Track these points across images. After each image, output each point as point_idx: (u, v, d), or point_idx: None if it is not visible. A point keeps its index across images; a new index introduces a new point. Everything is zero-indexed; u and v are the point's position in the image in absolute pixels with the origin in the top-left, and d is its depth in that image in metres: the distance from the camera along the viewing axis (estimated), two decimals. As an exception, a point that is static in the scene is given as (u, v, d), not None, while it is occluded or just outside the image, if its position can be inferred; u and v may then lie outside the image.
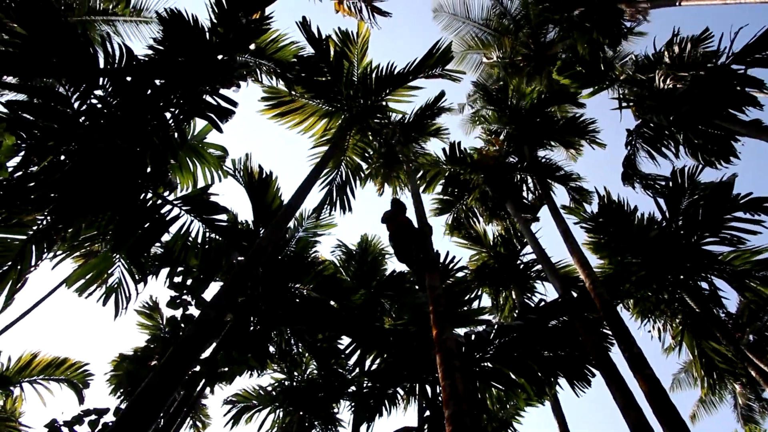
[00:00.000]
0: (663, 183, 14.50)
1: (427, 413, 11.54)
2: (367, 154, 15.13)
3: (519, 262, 17.71)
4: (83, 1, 16.24)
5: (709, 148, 14.08)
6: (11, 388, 13.94)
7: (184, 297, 7.59)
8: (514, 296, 17.77)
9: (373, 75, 13.36)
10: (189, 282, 8.78)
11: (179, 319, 7.46)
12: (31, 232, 8.79)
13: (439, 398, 11.62)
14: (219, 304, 6.27)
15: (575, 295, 12.15)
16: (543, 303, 11.24)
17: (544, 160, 17.05)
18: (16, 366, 13.93)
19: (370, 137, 14.87)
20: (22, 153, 8.51)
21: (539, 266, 17.18)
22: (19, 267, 8.59)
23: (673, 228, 13.91)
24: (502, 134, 17.36)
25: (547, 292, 17.85)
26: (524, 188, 17.23)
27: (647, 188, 15.02)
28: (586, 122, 16.87)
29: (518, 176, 17.03)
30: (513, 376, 11.21)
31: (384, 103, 14.23)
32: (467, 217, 18.21)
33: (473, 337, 11.45)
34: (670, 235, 13.91)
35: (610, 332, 10.53)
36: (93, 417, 5.99)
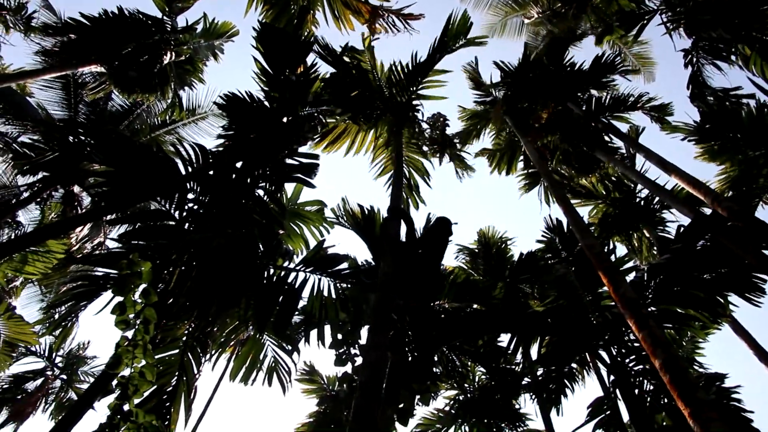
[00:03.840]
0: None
1: (612, 378, 11.20)
2: (425, 148, 14.98)
3: (637, 200, 17.04)
4: (145, 123, 17.03)
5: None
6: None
7: (348, 351, 7.70)
8: (647, 234, 17.10)
9: (400, 71, 13.22)
10: (340, 336, 8.92)
11: (349, 373, 7.56)
12: (182, 344, 9.17)
13: (618, 359, 11.26)
14: (376, 343, 6.30)
15: (707, 213, 11.56)
16: (682, 229, 10.75)
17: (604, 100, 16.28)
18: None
19: (423, 131, 14.75)
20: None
21: (658, 197, 16.48)
22: (185, 378, 8.96)
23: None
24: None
25: (677, 218, 17.05)
26: (603, 133, 16.55)
27: (725, 101, 14.06)
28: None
29: (590, 123, 16.36)
30: (680, 311, 10.73)
31: (420, 94, 14.07)
32: (566, 179, 17.73)
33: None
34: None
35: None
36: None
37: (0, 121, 14.15)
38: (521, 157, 17.79)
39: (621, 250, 20.57)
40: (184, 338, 9.26)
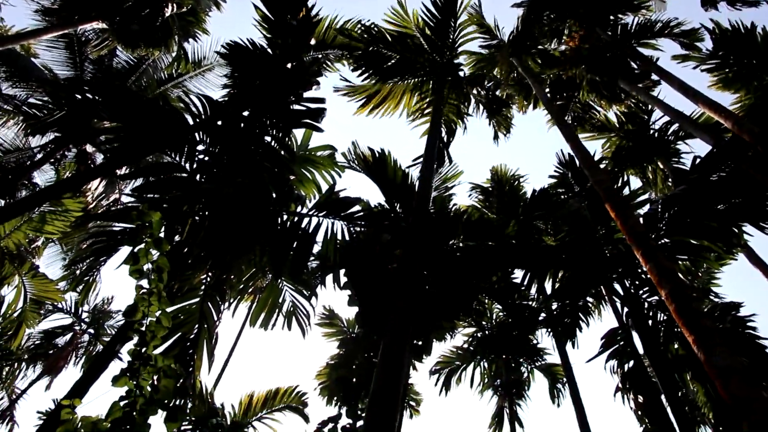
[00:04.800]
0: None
1: (625, 310, 11.29)
2: (464, 105, 15.01)
3: (651, 131, 16.82)
4: (152, 78, 16.96)
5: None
6: (245, 430, 15.09)
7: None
8: (661, 166, 16.95)
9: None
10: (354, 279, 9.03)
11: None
12: (201, 293, 9.34)
13: (631, 290, 11.32)
14: (397, 286, 6.39)
15: (726, 139, 11.38)
16: (698, 159, 10.64)
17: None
18: (240, 410, 15.07)
19: (465, 88, 14.74)
20: (164, 227, 9.07)
21: (675, 126, 16.25)
22: (206, 326, 9.15)
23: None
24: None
25: (692, 149, 16.88)
26: (628, 61, 16.25)
27: (736, 2, 13.61)
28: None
29: (616, 52, 16.07)
30: (694, 242, 10.73)
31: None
32: (584, 111, 17.54)
33: (642, 220, 11.05)
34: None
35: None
36: (330, 425, 6.29)
37: (7, 84, 14.17)
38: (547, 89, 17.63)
39: (636, 183, 20.47)
40: (203, 287, 9.42)
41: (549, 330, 13.04)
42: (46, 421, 6.53)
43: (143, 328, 4.31)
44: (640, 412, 9.92)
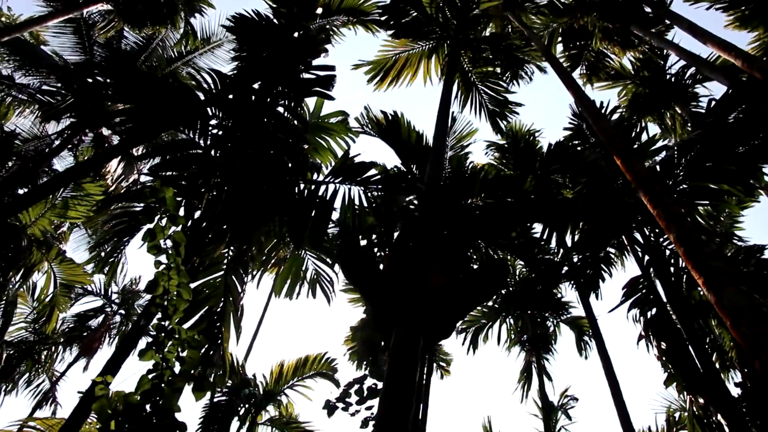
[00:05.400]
0: None
1: (647, 258, 11.25)
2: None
3: (668, 77, 16.54)
4: (161, 58, 16.96)
5: None
6: (278, 398, 15.47)
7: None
8: (679, 111, 16.70)
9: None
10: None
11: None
12: (224, 267, 9.47)
13: (652, 238, 11.26)
14: (416, 247, 6.40)
15: (743, 79, 11.16)
16: (714, 102, 10.46)
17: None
18: (272, 380, 15.42)
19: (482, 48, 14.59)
20: (183, 204, 9.19)
21: (691, 70, 15.96)
22: (231, 298, 9.30)
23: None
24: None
25: (711, 92, 16.55)
26: (641, 5, 15.93)
27: None
28: None
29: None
30: (713, 186, 10.61)
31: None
32: (598, 59, 17.29)
33: (658, 168, 10.94)
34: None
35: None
36: (356, 386, 6.40)
37: (20, 73, 14.27)
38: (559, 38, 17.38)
39: (655, 131, 20.21)
40: (225, 261, 9.55)
41: (572, 283, 13.05)
42: (82, 399, 6.69)
43: (165, 303, 4.40)
44: (664, 359, 9.94)
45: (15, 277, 15.76)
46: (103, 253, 10.58)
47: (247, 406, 14.72)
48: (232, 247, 9.50)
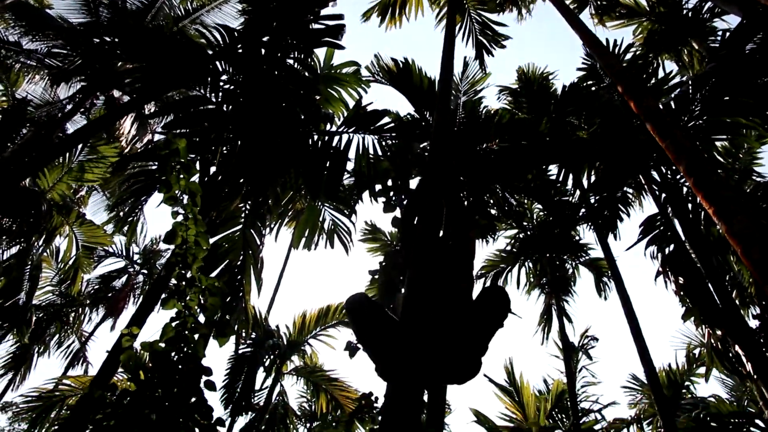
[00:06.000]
0: None
1: (664, 196, 11.18)
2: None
3: (684, 11, 16.15)
4: (168, 17, 16.80)
5: None
6: (302, 348, 15.79)
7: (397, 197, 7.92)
8: (696, 47, 16.34)
9: None
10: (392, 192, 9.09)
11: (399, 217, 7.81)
12: (242, 220, 9.57)
13: (668, 176, 11.18)
14: (432, 192, 6.39)
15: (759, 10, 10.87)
16: (728, 33, 10.24)
17: None
18: (295, 330, 15.73)
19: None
20: (198, 161, 9.25)
21: (709, 4, 15.55)
22: (250, 251, 9.41)
23: None
24: None
25: (730, 24, 16.14)
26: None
27: None
28: None
29: None
30: (730, 120, 10.45)
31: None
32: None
33: (673, 104, 10.79)
34: None
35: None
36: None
37: (27, 39, 14.22)
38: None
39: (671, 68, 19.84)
40: (243, 215, 9.64)
41: (589, 224, 13.00)
42: (111, 353, 6.85)
43: (184, 252, 4.46)
44: (682, 293, 9.95)
45: (38, 242, 15.99)
46: (121, 214, 10.71)
47: (272, 356, 15.05)
48: (248, 201, 9.59)
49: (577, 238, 15.17)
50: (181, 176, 4.57)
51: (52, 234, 16.28)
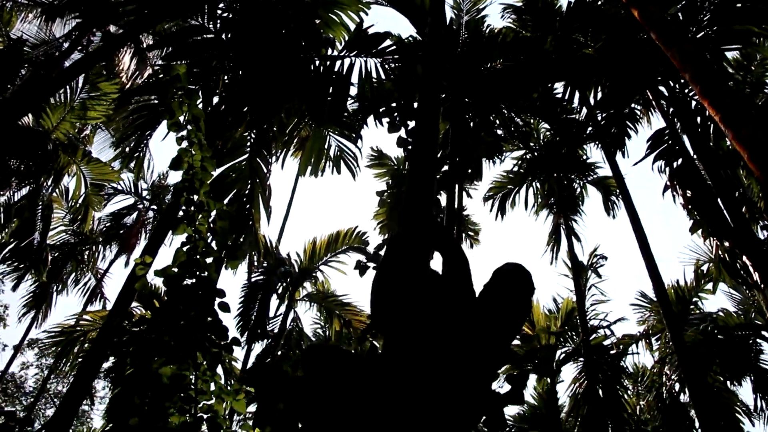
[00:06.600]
0: None
1: (672, 110, 11.05)
2: None
3: None
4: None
5: None
6: (314, 275, 16.04)
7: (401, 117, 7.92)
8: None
9: None
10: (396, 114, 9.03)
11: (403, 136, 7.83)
12: (248, 150, 9.57)
13: (677, 90, 11.02)
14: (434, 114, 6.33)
15: None
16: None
17: None
18: (306, 257, 15.94)
19: None
20: (200, 91, 9.19)
21: None
22: (257, 180, 9.45)
23: None
24: None
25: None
26: None
27: None
28: None
29: None
30: (740, 29, 10.20)
31: None
32: None
33: (680, 15, 10.52)
34: None
35: None
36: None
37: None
38: None
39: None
40: (249, 144, 9.64)
41: (597, 142, 12.91)
42: (126, 284, 6.98)
43: (191, 177, 4.47)
44: (690, 207, 9.96)
45: (47, 182, 16.08)
46: (127, 149, 10.70)
47: (284, 284, 15.30)
48: (253, 130, 9.56)
49: (584, 157, 15.08)
50: (184, 102, 4.55)
51: (60, 173, 16.34)
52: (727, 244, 9.49)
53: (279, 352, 14.17)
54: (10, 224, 15.35)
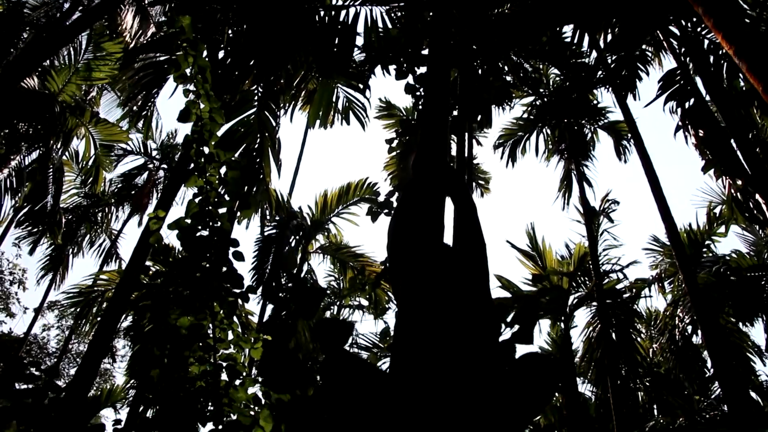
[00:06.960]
0: None
1: (684, 50, 10.84)
2: None
3: None
4: None
5: None
6: (326, 227, 16.14)
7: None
8: None
9: None
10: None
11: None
12: (256, 103, 9.53)
13: (689, 29, 10.81)
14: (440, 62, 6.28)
15: None
16: None
17: None
18: (317, 210, 16.01)
19: None
20: (205, 46, 9.10)
21: None
22: (266, 134, 9.44)
23: None
24: None
25: None
26: None
27: None
28: None
29: None
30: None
31: None
32: None
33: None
34: None
35: None
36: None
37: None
38: None
39: None
40: (257, 98, 9.60)
41: (608, 86, 12.74)
42: (140, 241, 7.03)
43: (200, 129, 4.47)
44: (702, 146, 9.87)
45: (56, 145, 16.11)
46: (134, 108, 10.67)
47: (297, 237, 15.41)
48: (260, 83, 9.51)
49: (595, 101, 14.93)
50: (189, 54, 4.52)
51: (69, 135, 16.37)
52: (740, 182, 9.42)
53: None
54: (22, 188, 15.44)
